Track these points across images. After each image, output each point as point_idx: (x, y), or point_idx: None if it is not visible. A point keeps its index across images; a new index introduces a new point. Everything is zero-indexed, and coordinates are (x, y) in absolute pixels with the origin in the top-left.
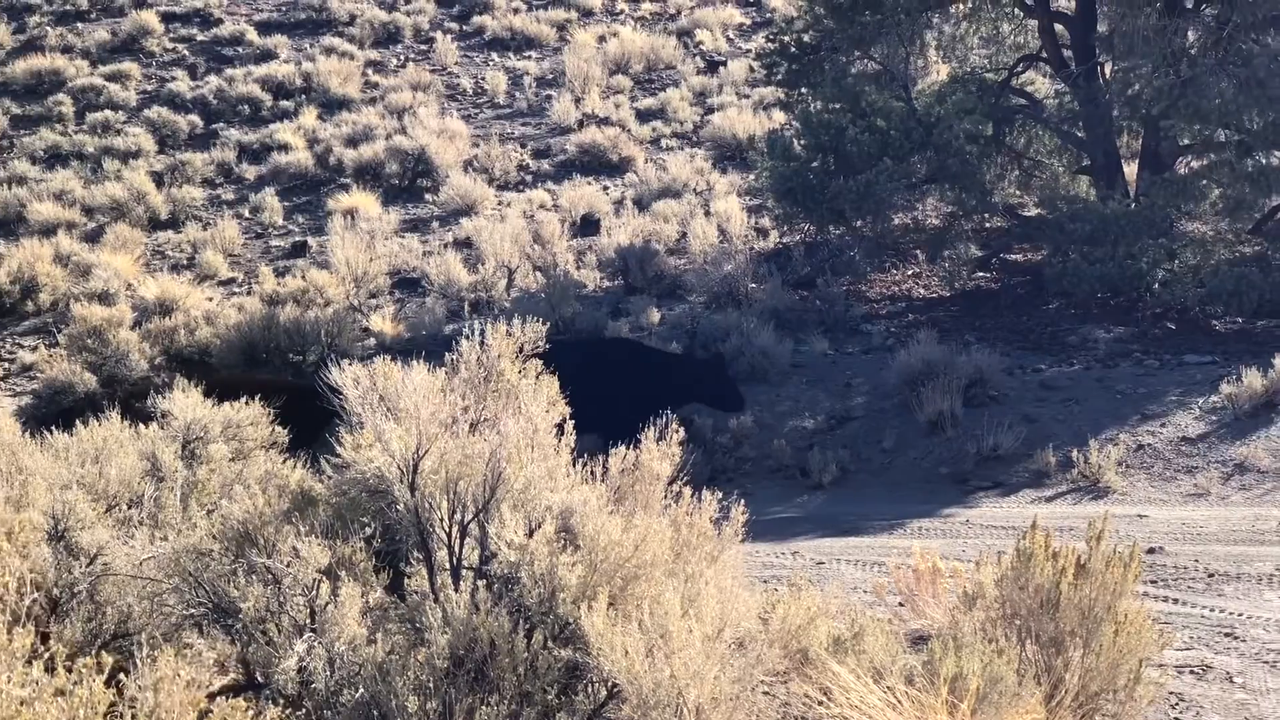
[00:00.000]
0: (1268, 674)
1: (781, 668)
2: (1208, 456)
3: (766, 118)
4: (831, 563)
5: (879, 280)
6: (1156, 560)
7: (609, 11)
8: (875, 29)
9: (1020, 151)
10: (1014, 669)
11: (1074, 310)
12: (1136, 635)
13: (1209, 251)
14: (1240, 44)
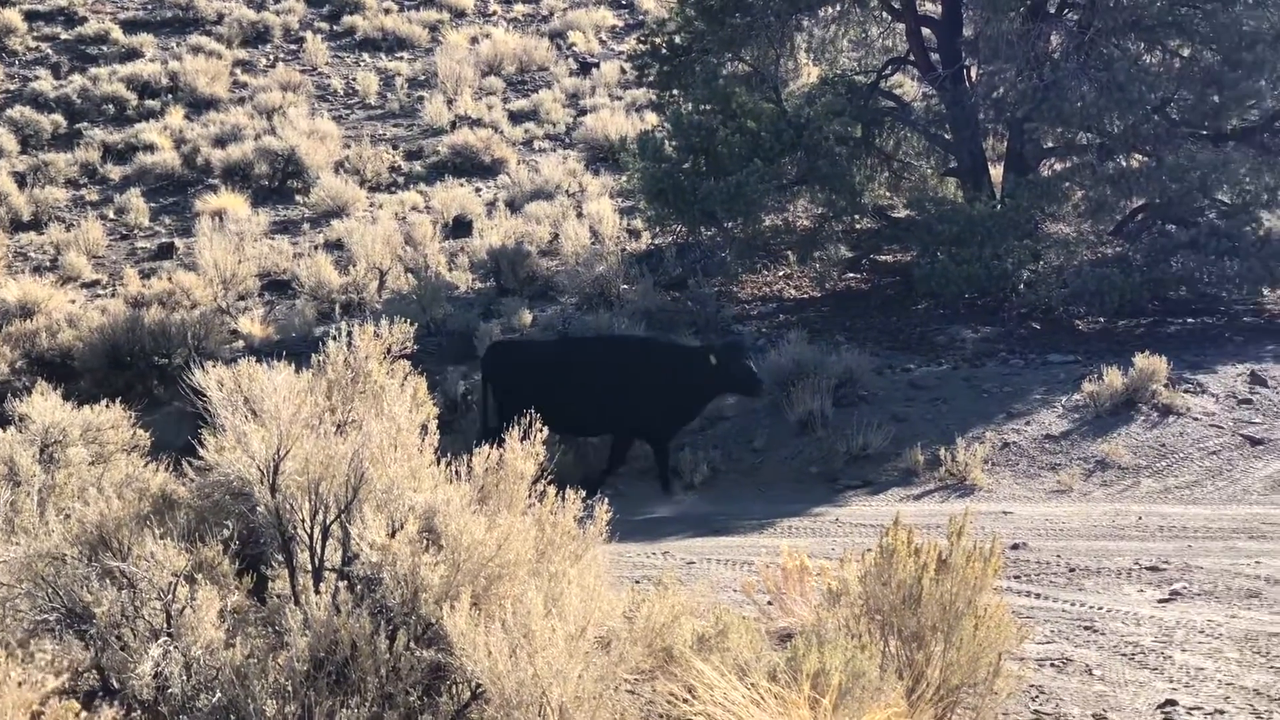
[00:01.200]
0: (1125, 666)
1: (646, 666)
2: (1070, 453)
3: (639, 119)
4: (702, 562)
5: (750, 281)
6: (1020, 556)
7: (481, 13)
8: (745, 31)
9: (889, 153)
10: (876, 664)
11: (942, 310)
12: (996, 629)
13: (1072, 252)
14: (1101, 49)
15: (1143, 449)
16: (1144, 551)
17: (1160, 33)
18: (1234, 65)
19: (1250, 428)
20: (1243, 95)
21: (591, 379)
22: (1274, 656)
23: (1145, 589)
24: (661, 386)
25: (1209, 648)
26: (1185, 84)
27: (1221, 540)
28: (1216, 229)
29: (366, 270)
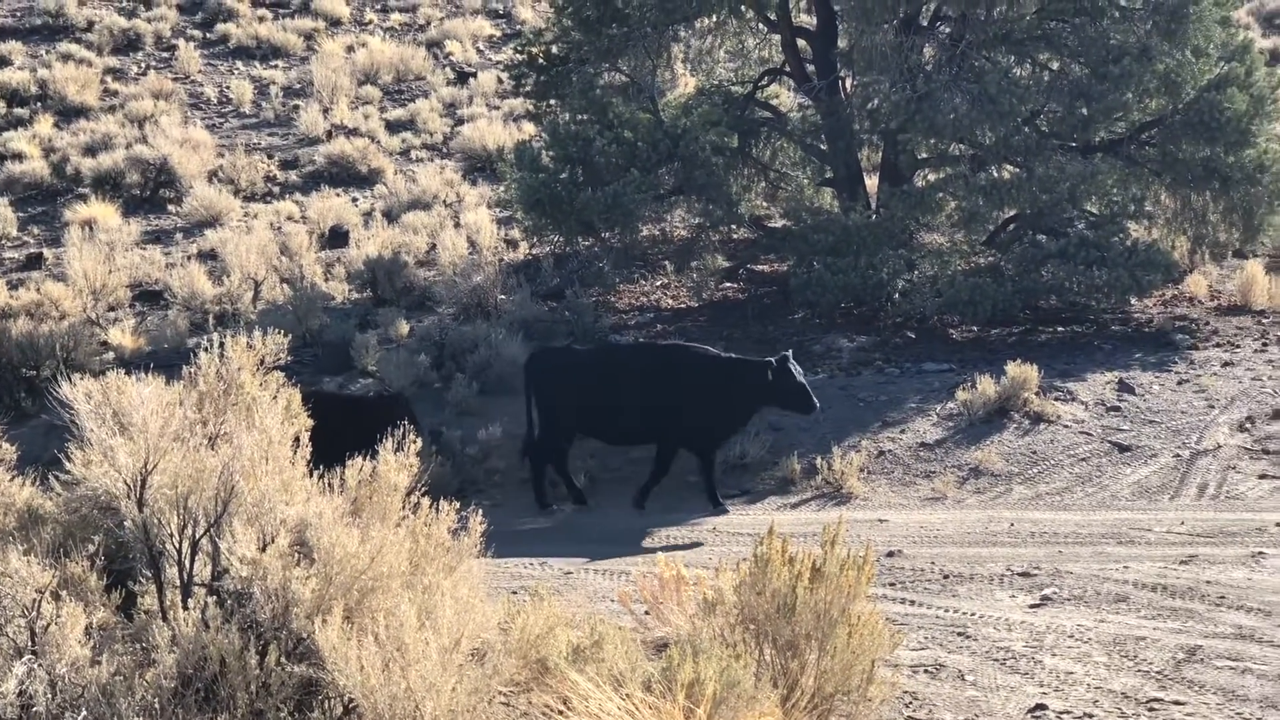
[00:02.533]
0: (997, 671)
1: (521, 678)
2: (945, 461)
3: (516, 129)
4: (580, 572)
5: (628, 291)
6: (895, 563)
7: (357, 21)
8: (622, 41)
9: (766, 163)
10: (751, 672)
11: (819, 320)
12: (870, 637)
13: (946, 262)
14: (973, 61)
15: (1015, 456)
16: (1016, 557)
17: (1030, 46)
18: (1101, 78)
19: (1119, 435)
20: (1110, 108)
21: (640, 388)
22: (1141, 660)
23: (1017, 594)
24: (713, 397)
25: (1078, 652)
26: (1054, 96)
27: (1091, 546)
28: (1085, 239)
29: (241, 281)
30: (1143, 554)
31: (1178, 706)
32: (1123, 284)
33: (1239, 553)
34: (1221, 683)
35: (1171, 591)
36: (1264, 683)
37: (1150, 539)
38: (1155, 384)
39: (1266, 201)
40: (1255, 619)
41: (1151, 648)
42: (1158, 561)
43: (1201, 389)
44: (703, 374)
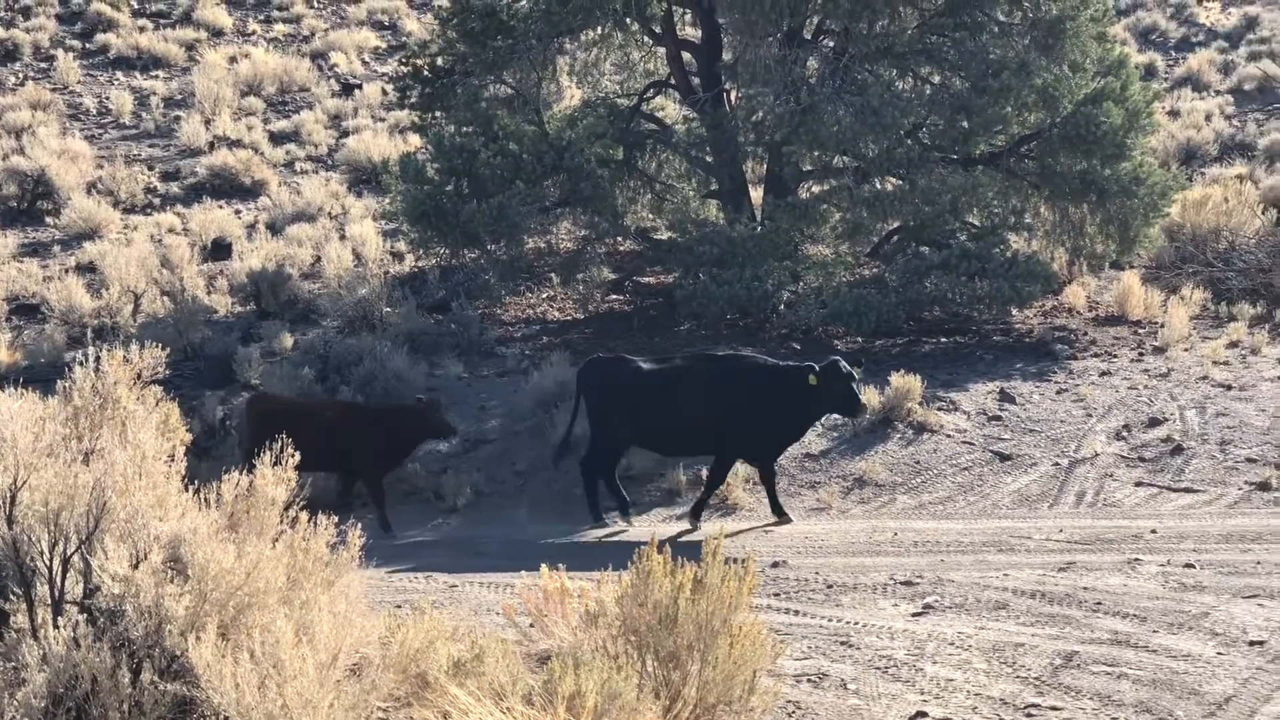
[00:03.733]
0: (879, 679)
1: (401, 693)
2: (830, 472)
3: (402, 141)
4: (465, 585)
5: (514, 303)
6: (780, 573)
7: (240, 32)
8: (508, 54)
9: (652, 175)
10: (633, 684)
11: (705, 331)
12: (752, 647)
13: (830, 274)
14: (856, 74)
15: (899, 466)
16: (899, 567)
17: (912, 60)
18: (981, 92)
19: (1000, 444)
20: (990, 121)
21: (696, 398)
22: (1020, 666)
23: (900, 603)
24: (768, 405)
25: (959, 659)
26: (936, 110)
27: (972, 554)
28: (967, 251)
29: (120, 294)
30: (1022, 561)
31: (1054, 712)
32: (1004, 295)
33: (1115, 559)
34: (1097, 688)
35: (1050, 598)
36: (1139, 687)
37: (1030, 547)
38: (1035, 393)
39: (1142, 214)
40: (1131, 624)
41: (1030, 654)
42: (1037, 569)
43: (1080, 398)
44: (757, 382)
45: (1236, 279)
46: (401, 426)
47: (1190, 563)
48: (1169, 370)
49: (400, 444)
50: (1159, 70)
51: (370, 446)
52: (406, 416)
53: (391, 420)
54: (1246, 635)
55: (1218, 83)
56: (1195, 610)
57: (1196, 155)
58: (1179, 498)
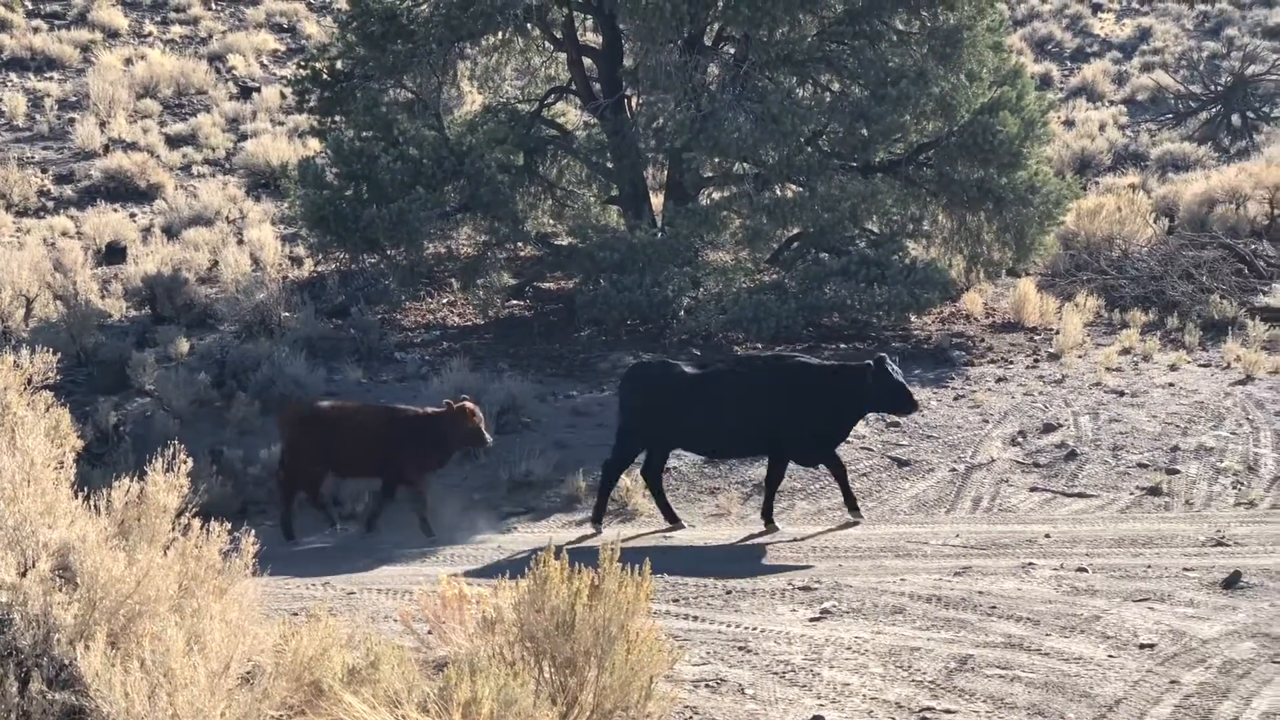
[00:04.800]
0: (777, 684)
1: (294, 701)
2: (729, 478)
3: (301, 145)
4: (362, 592)
5: (414, 309)
6: (679, 579)
7: (136, 33)
8: (408, 58)
9: (552, 181)
10: (530, 690)
11: (605, 337)
12: (649, 653)
13: (730, 280)
14: (756, 81)
15: (798, 472)
16: (797, 572)
17: (811, 68)
18: (880, 100)
19: (898, 450)
20: (889, 129)
21: (745, 402)
22: (916, 670)
23: (798, 608)
24: (819, 406)
25: (855, 664)
26: (836, 117)
27: (870, 559)
28: (866, 257)
29: (12, 298)
30: (919, 566)
31: (948, 715)
32: (902, 301)
33: (1010, 564)
34: (991, 691)
35: (946, 603)
36: (1032, 690)
37: (927, 552)
38: (933, 399)
39: (1037, 222)
40: (1024, 628)
41: (925, 658)
42: (933, 574)
43: (976, 404)
44: (807, 383)
45: (1129, 286)
46: (440, 431)
47: (1083, 567)
48: (1063, 376)
49: (440, 449)
50: (1054, 80)
51: (409, 452)
52: (446, 421)
53: (431, 425)
54: (1137, 638)
55: (1112, 93)
56: (1087, 614)
57: (1091, 164)
58: (1073, 502)
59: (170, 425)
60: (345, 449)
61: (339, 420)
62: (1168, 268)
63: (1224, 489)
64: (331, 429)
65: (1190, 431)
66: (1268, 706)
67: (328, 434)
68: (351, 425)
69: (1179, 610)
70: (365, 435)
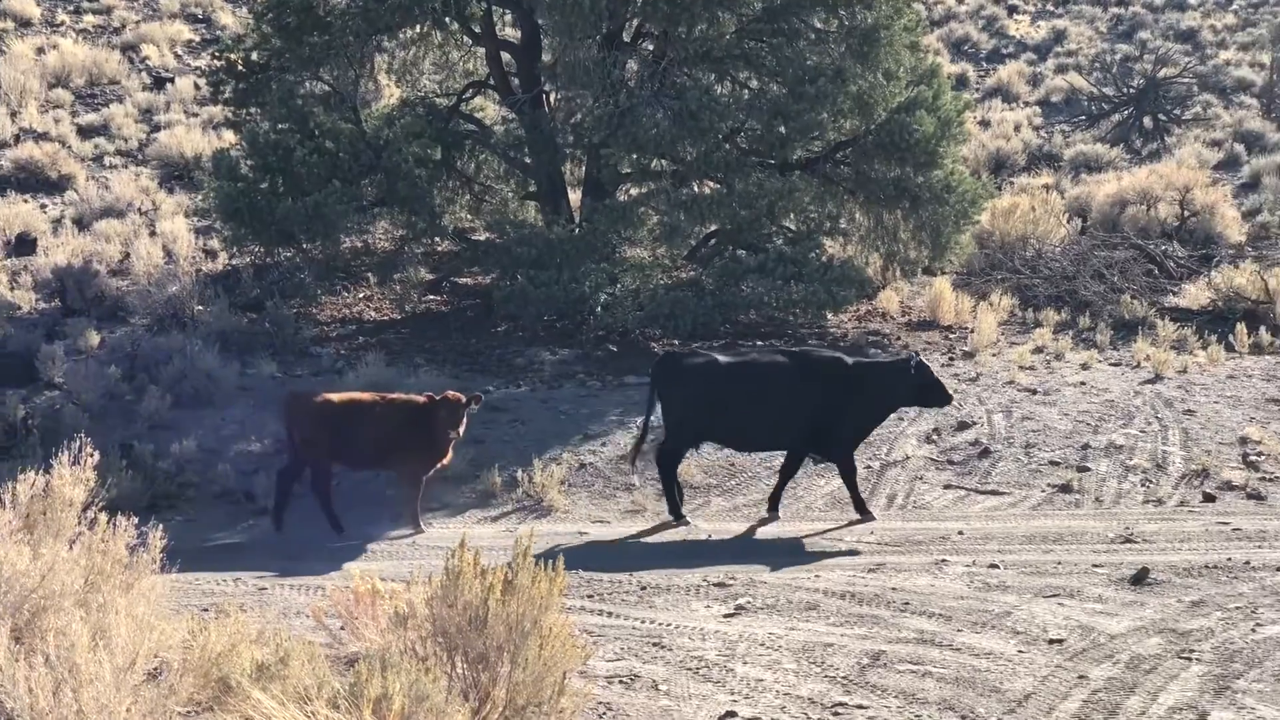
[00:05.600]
0: (690, 680)
1: (202, 697)
2: (645, 474)
3: (216, 136)
4: (275, 588)
5: (330, 303)
6: (595, 575)
7: (48, 22)
8: (324, 50)
9: (470, 176)
10: (442, 686)
11: (521, 333)
12: (562, 648)
13: (648, 276)
14: (675, 78)
15: (714, 468)
16: (713, 568)
17: (730, 65)
18: (798, 98)
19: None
20: (806, 127)
21: (778, 395)
22: (829, 666)
23: (712, 604)
24: (860, 402)
25: (769, 659)
26: (754, 114)
27: (785, 556)
28: (783, 255)
29: None
30: (834, 563)
31: (860, 710)
32: (819, 299)
33: (923, 560)
34: (903, 686)
35: (859, 599)
36: (942, 685)
37: (841, 548)
38: None
39: (953, 221)
40: (936, 624)
41: (839, 654)
42: (847, 570)
43: None
44: (845, 379)
45: (1043, 286)
46: (437, 421)
47: (995, 563)
48: (978, 375)
49: (437, 440)
50: (970, 80)
51: (407, 442)
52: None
53: (429, 415)
54: (1046, 634)
55: (1027, 94)
56: (998, 610)
57: (1006, 164)
58: (986, 500)
59: (80, 419)
60: (348, 440)
61: (342, 411)
62: (1080, 268)
63: (1133, 486)
64: (337, 420)
65: (1101, 430)
66: (1174, 701)
67: (332, 426)
68: (354, 415)
69: (1088, 606)
70: (368, 425)
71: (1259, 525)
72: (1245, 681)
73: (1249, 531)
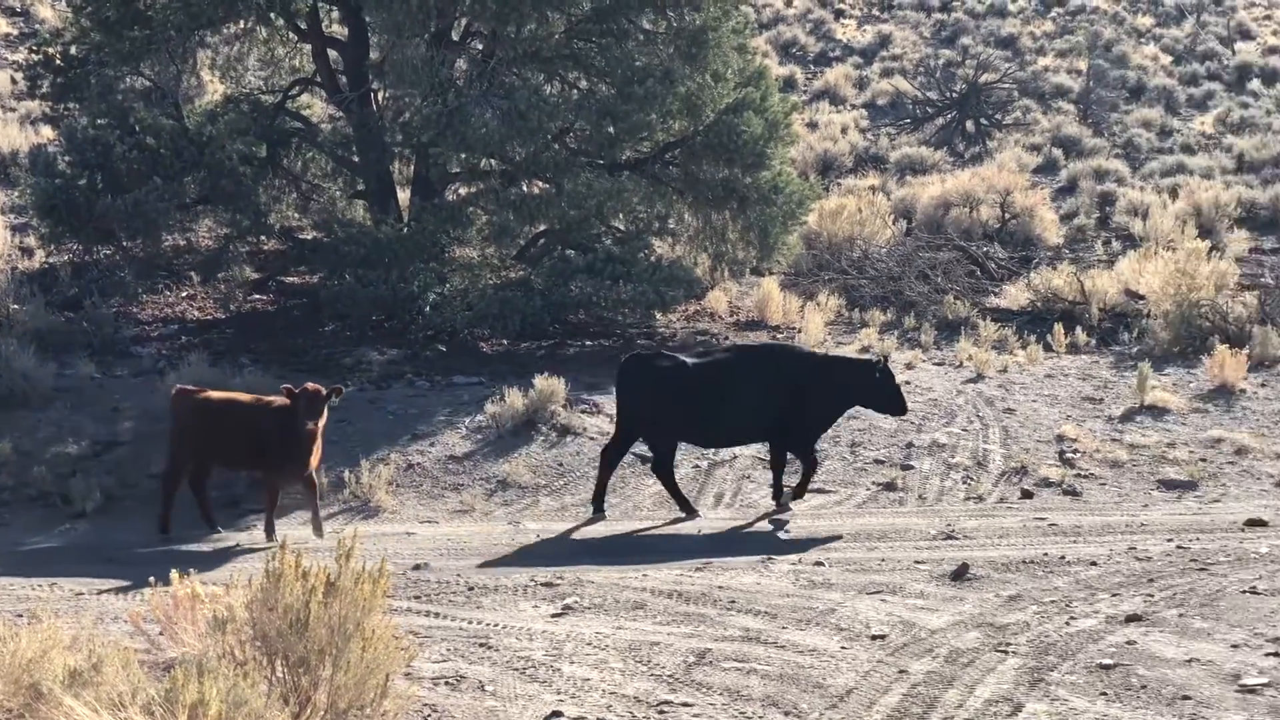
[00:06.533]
0: (517, 680)
1: (12, 705)
2: (473, 474)
3: (33, 132)
4: (91, 593)
5: (151, 302)
6: (421, 576)
7: None
8: (145, 45)
9: (297, 174)
10: (261, 691)
11: (349, 332)
12: (385, 651)
13: (477, 276)
14: (504, 77)
15: (542, 468)
16: (541, 568)
17: (559, 65)
18: (627, 99)
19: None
20: (635, 127)
21: (745, 391)
22: (655, 665)
23: (540, 604)
24: (818, 396)
25: (596, 659)
26: (583, 115)
27: (613, 555)
28: (612, 255)
29: None
30: (661, 561)
31: (686, 708)
32: (648, 299)
33: (750, 559)
34: (728, 683)
35: (686, 597)
36: (767, 682)
37: (669, 547)
38: None
39: (780, 221)
40: (762, 621)
41: (665, 652)
42: (675, 569)
43: None
44: (810, 373)
45: (869, 286)
46: (297, 414)
47: (820, 561)
48: None
49: (299, 434)
50: (798, 83)
51: (277, 444)
52: (300, 402)
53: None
54: (869, 630)
55: (853, 97)
56: (823, 606)
57: (833, 166)
58: (812, 498)
59: None
60: (226, 440)
61: (223, 410)
62: (905, 268)
63: (955, 484)
64: (217, 418)
65: (924, 428)
66: (990, 694)
67: (213, 424)
68: (233, 415)
69: (910, 602)
70: (243, 425)
71: (1074, 521)
72: (1059, 674)
73: (1064, 527)
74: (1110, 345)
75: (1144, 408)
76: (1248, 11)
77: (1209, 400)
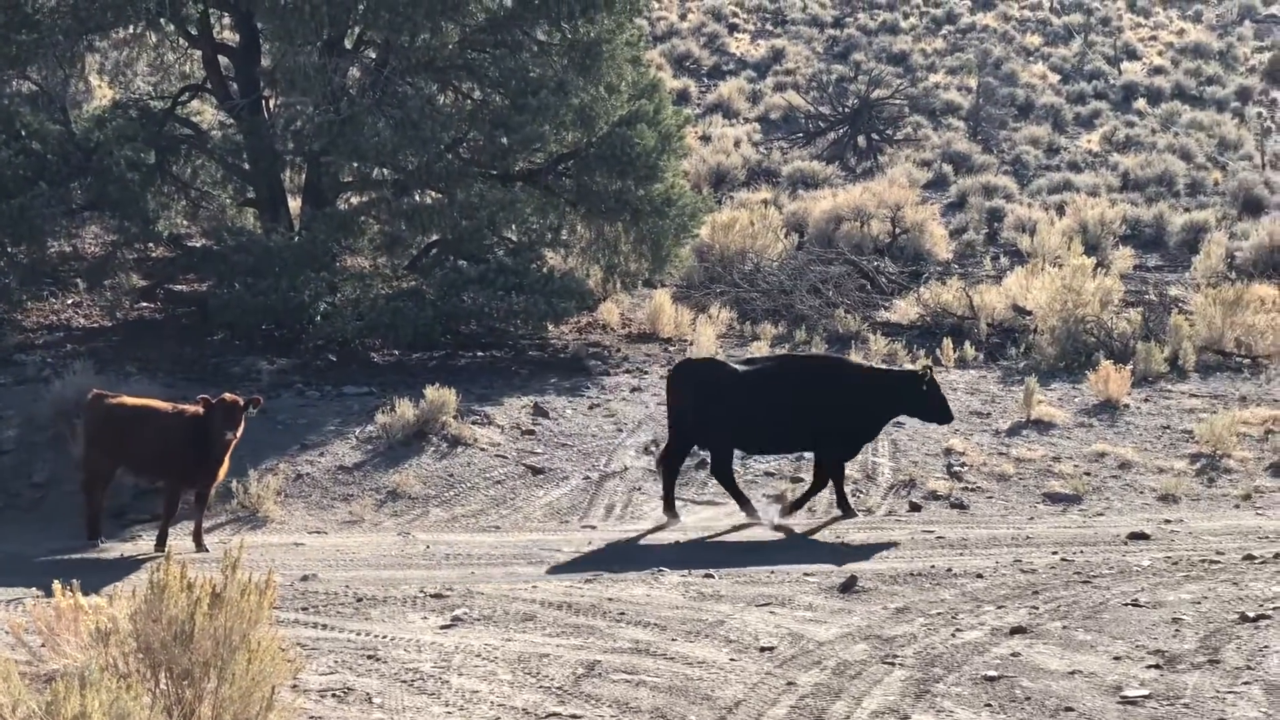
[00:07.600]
0: (405, 693)
1: None
2: (363, 484)
3: None
4: None
5: (36, 309)
6: (309, 587)
7: None
8: (32, 48)
9: (186, 181)
10: (145, 704)
11: (239, 341)
12: (271, 663)
13: (368, 285)
14: (397, 87)
15: (432, 479)
16: (430, 579)
17: (453, 75)
18: (520, 110)
19: (532, 457)
20: (528, 138)
21: (796, 400)
22: (544, 676)
23: (429, 616)
24: (864, 407)
25: (485, 670)
26: (476, 125)
27: (503, 566)
28: (505, 266)
29: None
30: (551, 573)
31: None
32: (540, 310)
33: (640, 571)
34: (617, 695)
35: (576, 609)
36: (655, 694)
37: (560, 559)
38: (569, 408)
39: (673, 234)
40: (651, 633)
41: (554, 664)
42: (565, 580)
43: (611, 413)
44: (860, 384)
45: (760, 299)
46: (213, 424)
47: (710, 573)
48: None
49: (213, 444)
50: (692, 96)
51: (190, 453)
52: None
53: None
54: (758, 641)
55: (747, 110)
56: (712, 619)
57: (726, 179)
58: (702, 510)
59: None
60: (136, 448)
61: (135, 417)
62: (797, 282)
63: None
64: (129, 426)
65: None
66: (877, 705)
67: (124, 431)
68: (145, 422)
69: (798, 614)
70: (155, 433)
71: (961, 533)
72: (945, 685)
73: (951, 539)
74: (998, 360)
75: (1030, 422)
76: (1134, 32)
77: (1094, 415)
